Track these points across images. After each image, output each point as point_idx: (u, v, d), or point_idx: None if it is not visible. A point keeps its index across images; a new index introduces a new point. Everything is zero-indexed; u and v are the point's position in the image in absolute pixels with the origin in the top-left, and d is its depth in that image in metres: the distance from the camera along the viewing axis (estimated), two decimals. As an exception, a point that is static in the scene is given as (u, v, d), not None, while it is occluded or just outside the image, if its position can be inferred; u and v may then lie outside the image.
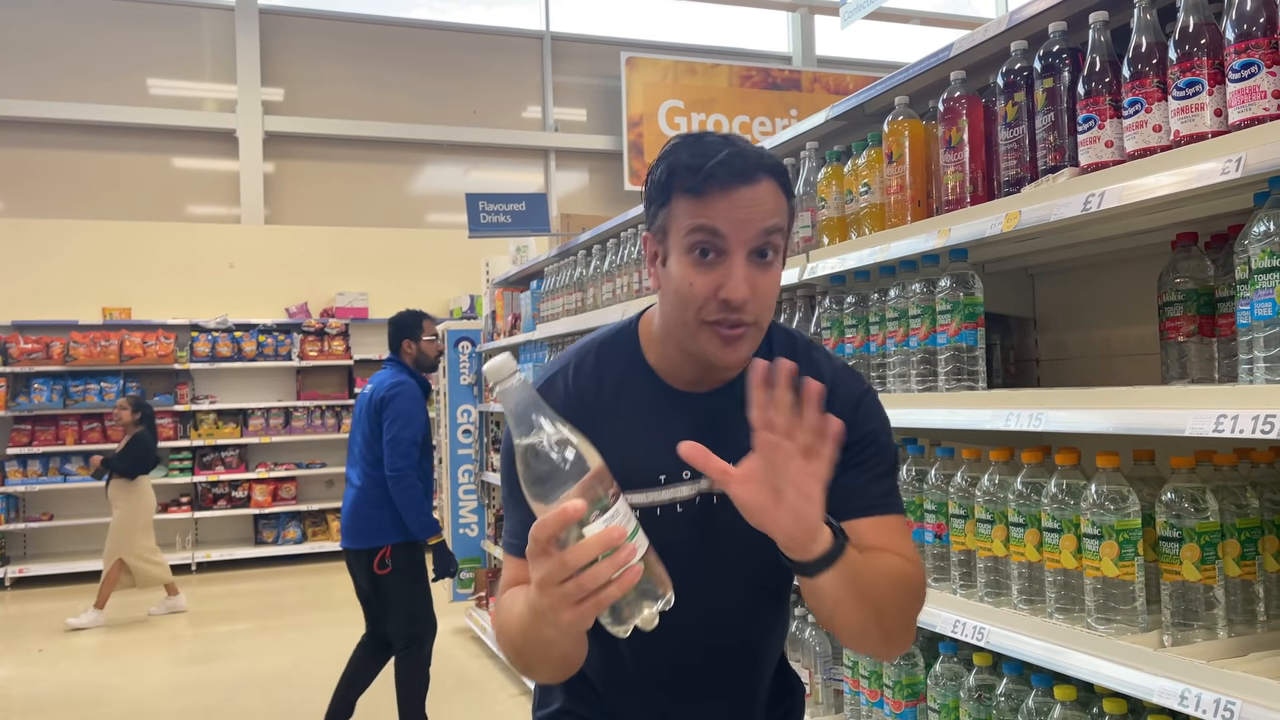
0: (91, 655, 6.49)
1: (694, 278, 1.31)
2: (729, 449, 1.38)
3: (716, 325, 1.32)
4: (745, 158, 1.31)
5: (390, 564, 4.33)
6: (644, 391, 1.45)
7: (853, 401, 1.45)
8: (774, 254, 1.34)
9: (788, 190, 1.36)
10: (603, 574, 1.04)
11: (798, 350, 1.50)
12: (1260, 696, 1.42)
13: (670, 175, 1.33)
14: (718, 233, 1.29)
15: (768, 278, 1.33)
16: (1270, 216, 1.50)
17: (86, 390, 9.24)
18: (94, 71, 10.17)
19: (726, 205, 1.29)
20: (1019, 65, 2.04)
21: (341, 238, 10.49)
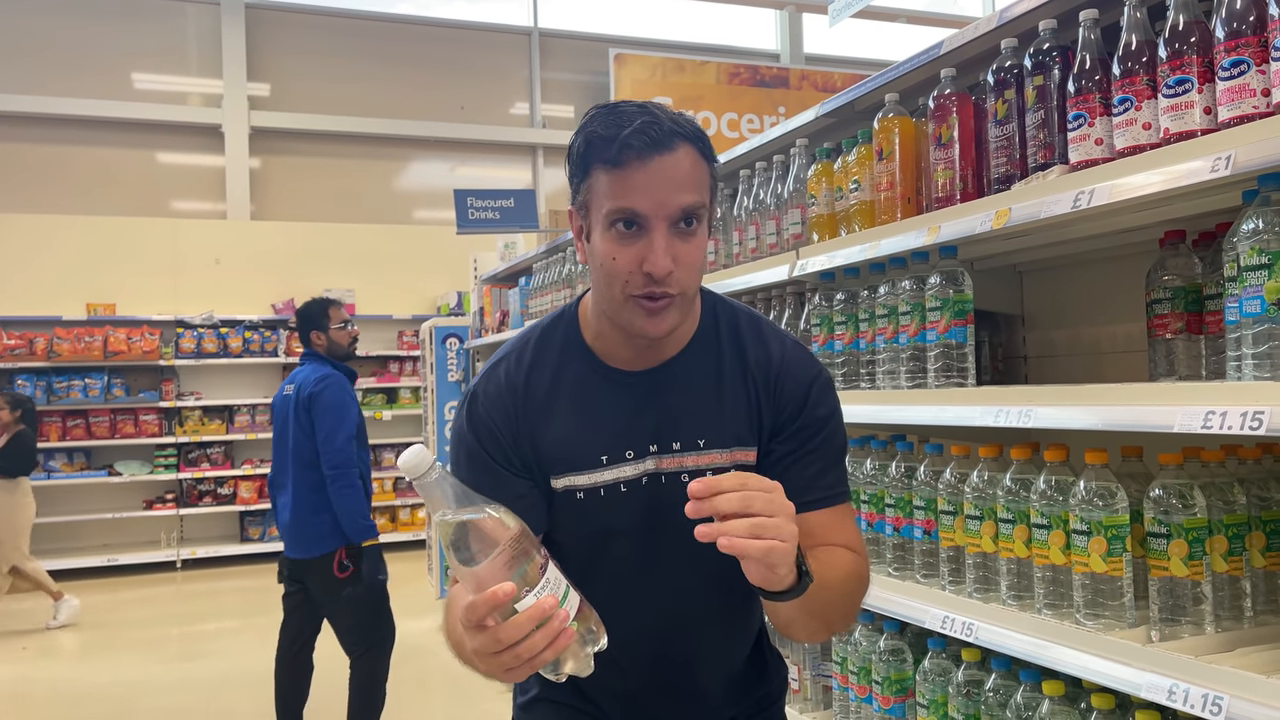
0: (75, 653, 6.45)
1: (616, 251, 1.31)
2: (667, 426, 1.41)
3: (641, 299, 1.31)
4: (660, 125, 1.28)
5: (350, 564, 4.17)
6: (583, 373, 1.45)
7: (804, 385, 1.44)
8: (697, 223, 1.32)
9: (708, 155, 1.34)
10: (538, 644, 1.06)
11: (741, 326, 1.49)
12: (1248, 691, 1.43)
13: (587, 147, 1.31)
14: (635, 204, 1.28)
15: (691, 246, 1.32)
16: (1259, 214, 1.51)
17: (70, 386, 9.18)
18: (77, 65, 10.09)
19: (644, 176, 1.27)
20: (1009, 63, 2.04)
21: (328, 234, 10.44)
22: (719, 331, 1.47)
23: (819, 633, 1.34)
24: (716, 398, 1.43)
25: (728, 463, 1.42)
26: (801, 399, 1.43)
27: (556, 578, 1.12)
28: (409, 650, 6.23)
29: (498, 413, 1.45)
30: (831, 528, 1.41)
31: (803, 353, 1.50)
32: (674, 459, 1.42)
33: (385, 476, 10.17)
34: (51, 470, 9.19)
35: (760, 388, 1.44)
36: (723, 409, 1.43)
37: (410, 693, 5.43)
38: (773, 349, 1.46)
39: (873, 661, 2.38)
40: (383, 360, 10.47)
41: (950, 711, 2.12)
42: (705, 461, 1.42)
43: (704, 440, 1.42)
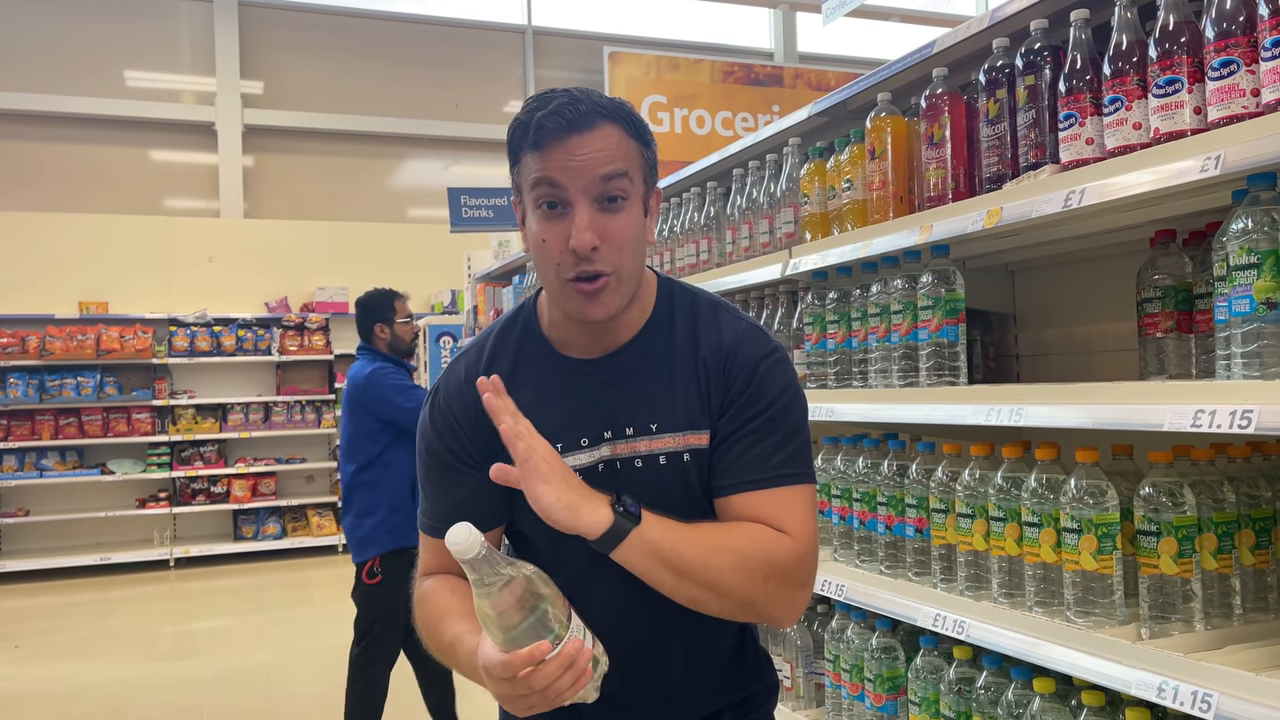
0: (69, 652, 6.44)
1: (545, 233, 1.33)
2: (621, 412, 1.43)
3: (576, 282, 1.32)
4: (577, 106, 1.30)
5: (380, 573, 4.09)
6: (539, 363, 1.47)
7: (750, 365, 1.43)
8: (624, 199, 1.32)
9: (636, 133, 1.35)
10: (564, 685, 1.14)
11: (699, 311, 1.49)
12: (1237, 688, 1.44)
13: (512, 133, 1.35)
14: (556, 183, 1.29)
15: (618, 222, 1.32)
16: (1248, 214, 1.51)
17: (63, 385, 9.15)
18: (70, 63, 10.06)
19: (562, 154, 1.29)
20: (1001, 62, 2.05)
21: (322, 232, 10.42)
22: (674, 317, 1.48)
23: (707, 602, 1.32)
24: (669, 382, 1.44)
25: (680, 446, 1.42)
26: (749, 375, 1.42)
27: (578, 623, 1.18)
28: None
29: (458, 407, 1.46)
30: (765, 511, 1.37)
31: (757, 333, 1.48)
32: (628, 444, 1.42)
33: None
34: (44, 469, 9.17)
35: (711, 369, 1.44)
36: (674, 393, 1.43)
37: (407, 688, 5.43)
38: (725, 331, 1.46)
39: (865, 659, 2.39)
40: (376, 358, 10.45)
41: (942, 709, 2.13)
42: (658, 446, 1.42)
43: (656, 425, 1.42)
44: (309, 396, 10.02)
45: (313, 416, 10.03)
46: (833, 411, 2.43)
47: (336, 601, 7.81)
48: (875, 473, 2.39)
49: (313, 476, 10.21)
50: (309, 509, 9.97)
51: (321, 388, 10.18)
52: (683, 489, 1.43)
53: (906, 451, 2.39)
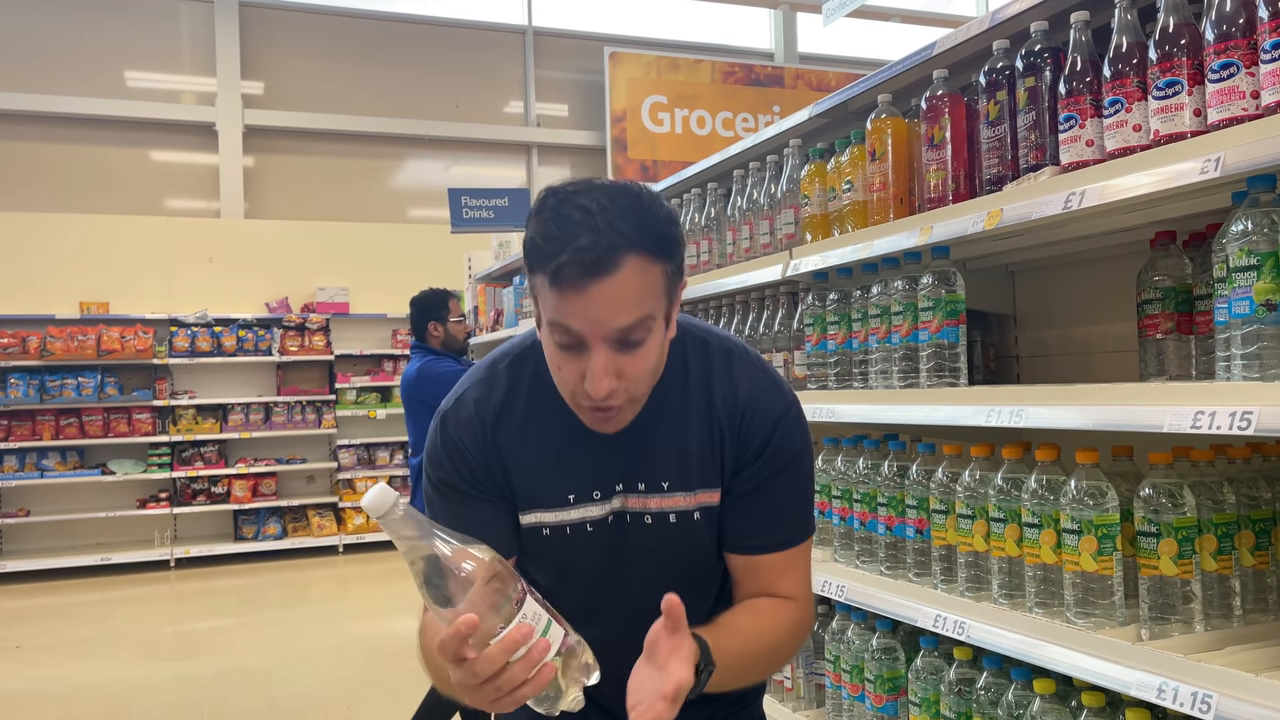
0: (69, 652, 6.44)
1: (560, 363, 1.30)
2: (633, 468, 1.42)
3: (589, 407, 1.31)
4: (599, 246, 1.19)
5: None
6: (551, 412, 1.43)
7: (768, 425, 1.42)
8: (645, 336, 1.27)
9: (664, 253, 1.26)
10: (516, 676, 1.09)
11: (713, 364, 1.46)
12: (1237, 689, 1.44)
13: (528, 251, 1.26)
14: (572, 330, 1.24)
15: (637, 358, 1.27)
16: (1248, 216, 1.52)
17: (64, 385, 9.15)
18: (70, 63, 10.06)
19: (582, 303, 1.21)
20: (1001, 64, 2.05)
21: (322, 232, 10.42)
22: (687, 373, 1.45)
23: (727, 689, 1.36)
24: (681, 440, 1.43)
25: (691, 505, 1.42)
26: (767, 434, 1.42)
27: (535, 611, 1.12)
28: (404, 648, 6.24)
29: (469, 437, 1.44)
30: (780, 573, 1.42)
31: (773, 385, 1.46)
32: (639, 499, 1.43)
33: (379, 475, 10.16)
34: (45, 469, 9.17)
35: (725, 425, 1.43)
36: (687, 451, 1.42)
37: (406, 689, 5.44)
38: (740, 384, 1.44)
39: (865, 660, 2.39)
40: (376, 359, 10.47)
41: (942, 710, 2.13)
42: (669, 504, 1.42)
43: (668, 483, 1.42)
44: (309, 397, 10.02)
45: (313, 417, 10.03)
46: (833, 412, 2.43)
47: (337, 601, 7.82)
48: (876, 474, 2.39)
49: (313, 477, 10.21)
50: (309, 509, 9.97)
51: (322, 388, 10.18)
52: (690, 547, 1.44)
53: (907, 452, 2.40)
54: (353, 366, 10.38)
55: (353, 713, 5.08)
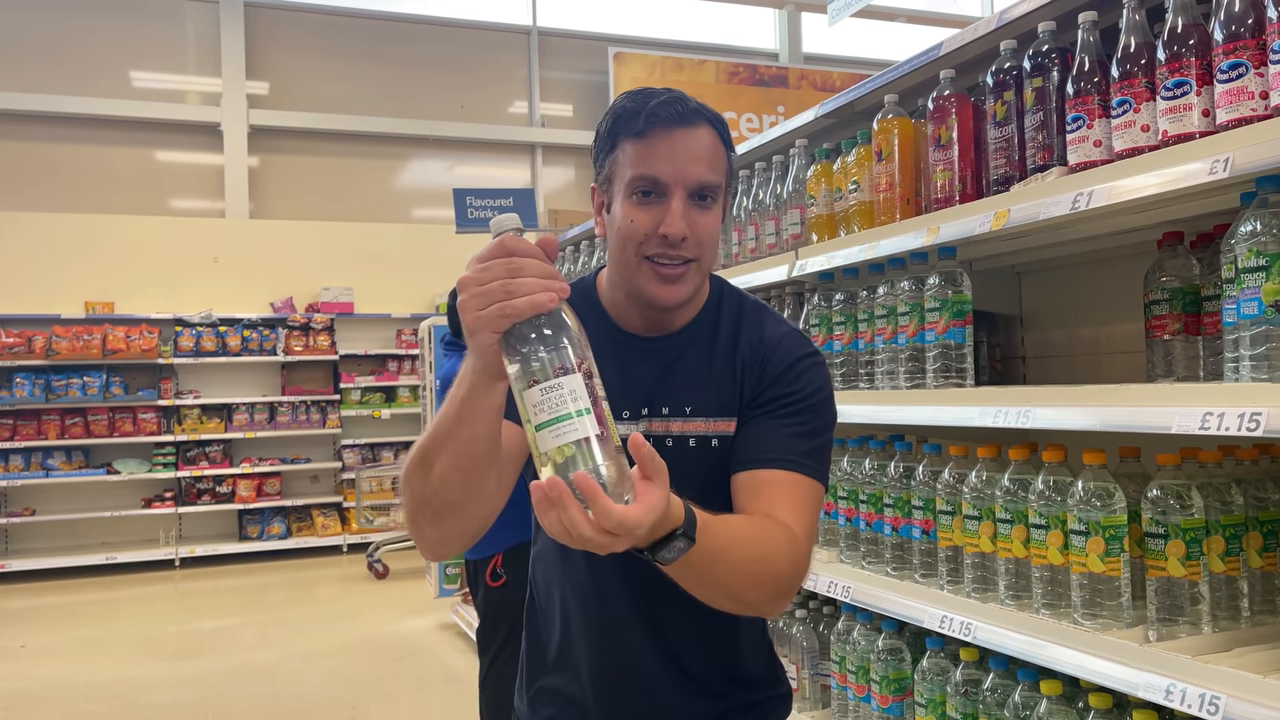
0: (75, 651, 6.45)
1: (635, 215, 1.37)
2: (660, 392, 1.47)
3: (656, 262, 1.37)
4: (685, 103, 1.38)
5: (504, 574, 3.65)
6: (597, 332, 1.45)
7: (788, 361, 1.47)
8: (713, 200, 1.39)
9: (727, 143, 1.42)
10: (529, 285, 1.03)
11: (745, 310, 1.54)
12: (1245, 691, 1.44)
13: (615, 121, 1.41)
14: (657, 175, 1.35)
15: (706, 219, 1.38)
16: (1257, 216, 1.51)
17: (69, 385, 9.17)
18: (76, 64, 10.08)
19: (667, 147, 1.35)
20: (1008, 64, 2.05)
21: (327, 232, 10.43)
22: (720, 311, 1.53)
23: (718, 601, 1.27)
24: (707, 369, 1.48)
25: (709, 431, 1.46)
26: (784, 371, 1.47)
27: (576, 389, 1.01)
28: (408, 648, 6.25)
29: None
30: (779, 496, 1.36)
31: (799, 336, 1.53)
32: (662, 423, 1.47)
33: (384, 475, 10.17)
34: (50, 468, 9.19)
35: (748, 362, 1.48)
36: (709, 380, 1.48)
37: (409, 689, 5.44)
38: (768, 330, 1.51)
39: (871, 661, 2.39)
40: (381, 359, 10.47)
41: (948, 711, 2.13)
42: (690, 429, 1.46)
43: (690, 408, 1.47)
44: (314, 397, 10.03)
45: (318, 417, 10.03)
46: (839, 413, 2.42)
47: (341, 601, 7.82)
48: (882, 474, 2.39)
49: (318, 477, 10.21)
50: (314, 509, 9.97)
51: (326, 388, 10.19)
52: (706, 473, 1.44)
53: (913, 453, 2.40)
54: (357, 366, 10.38)
55: (357, 713, 5.08)
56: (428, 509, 1.25)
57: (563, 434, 0.99)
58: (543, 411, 1.00)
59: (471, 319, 1.05)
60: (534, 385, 1.01)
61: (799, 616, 2.75)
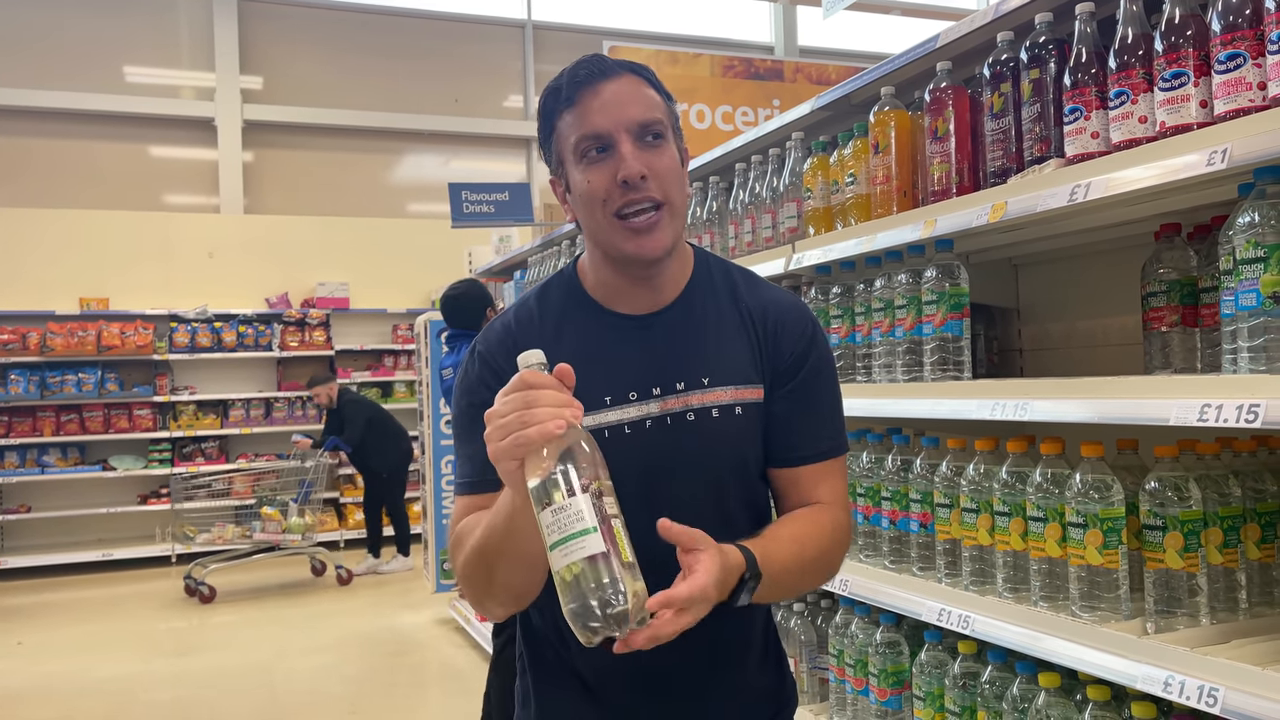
0: (72, 648, 6.44)
1: (590, 175, 1.36)
2: (670, 368, 1.44)
3: (625, 217, 1.35)
4: (603, 61, 1.39)
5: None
6: (585, 319, 1.48)
7: (806, 335, 1.48)
8: (662, 138, 1.38)
9: (658, 87, 1.43)
10: (542, 415, 1.10)
11: (734, 275, 1.53)
12: (1243, 683, 1.44)
13: (544, 104, 1.42)
14: (598, 130, 1.35)
15: (662, 156, 1.37)
16: (1255, 208, 1.51)
17: (64, 381, 9.15)
18: (69, 59, 10.03)
19: (597, 101, 1.35)
20: (1005, 56, 2.04)
21: (322, 227, 10.41)
22: (712, 278, 1.51)
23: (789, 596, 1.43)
24: (717, 337, 1.46)
25: (732, 400, 1.43)
26: (803, 350, 1.46)
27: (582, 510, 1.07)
28: (406, 643, 6.25)
29: (501, 353, 1.45)
30: (820, 480, 1.45)
31: (799, 302, 1.53)
32: (679, 399, 1.43)
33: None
34: (45, 465, 9.17)
35: (758, 327, 1.47)
36: (723, 348, 1.46)
37: (408, 684, 5.44)
38: (764, 295, 1.51)
39: (869, 654, 2.39)
40: (377, 354, 10.46)
41: (947, 704, 2.13)
42: (710, 399, 1.43)
43: (708, 379, 1.44)
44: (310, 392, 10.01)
45: (314, 412, 10.01)
46: (836, 406, 2.42)
47: (338, 597, 7.81)
48: (880, 468, 2.39)
49: (314, 472, 10.20)
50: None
51: (322, 383, 10.17)
52: (735, 443, 1.44)
53: (911, 446, 2.39)
54: (353, 361, 10.36)
55: (355, 708, 5.08)
56: (494, 599, 1.34)
57: (570, 553, 1.06)
58: (553, 532, 1.07)
59: (492, 450, 1.14)
60: (545, 508, 1.08)
61: (797, 610, 2.75)
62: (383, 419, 8.43)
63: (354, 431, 8.10)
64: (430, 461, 6.86)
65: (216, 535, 8.17)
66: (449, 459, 6.80)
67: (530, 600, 1.34)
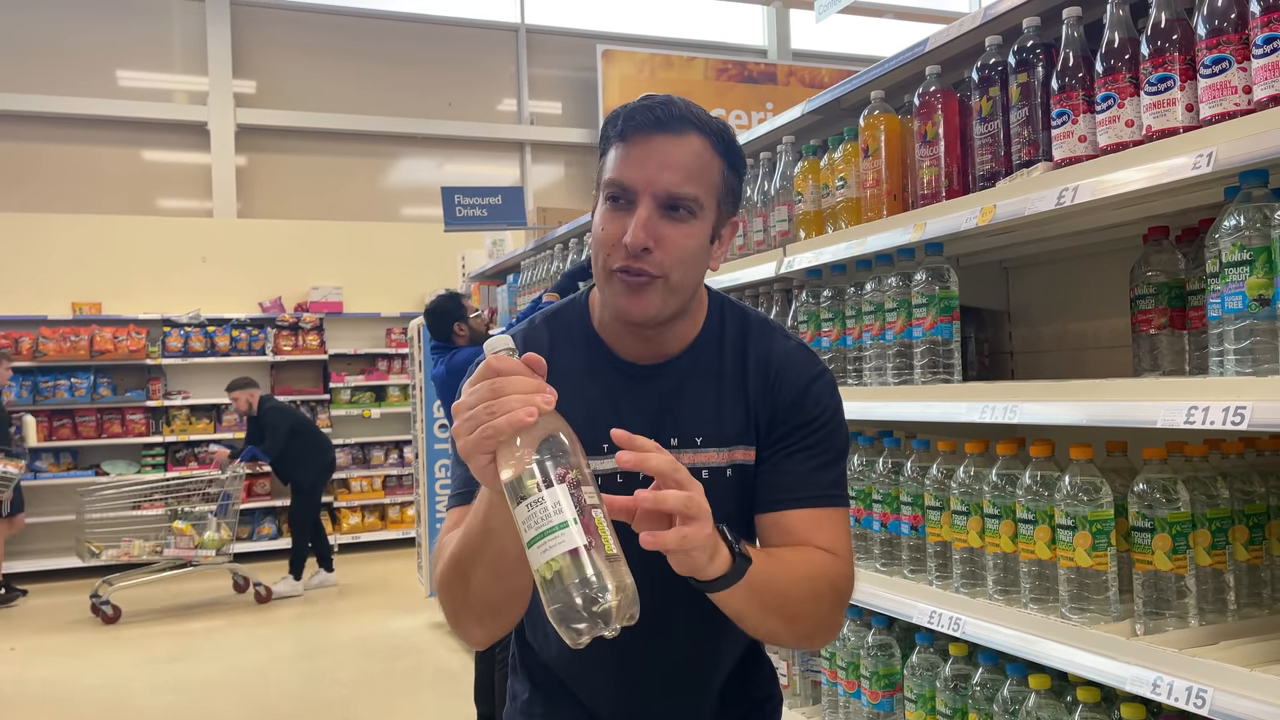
0: (64, 654, 6.42)
1: (605, 222, 1.32)
2: (666, 422, 1.41)
3: (621, 273, 1.30)
4: (672, 109, 1.30)
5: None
6: (590, 358, 1.44)
7: (801, 385, 1.42)
8: (689, 213, 1.30)
9: (724, 151, 1.34)
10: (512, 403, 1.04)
11: (750, 329, 1.47)
12: (1232, 684, 1.44)
13: (605, 125, 1.35)
14: (626, 178, 1.29)
15: (678, 232, 1.30)
16: (1240, 211, 1.52)
17: (57, 386, 9.12)
18: (62, 63, 10.02)
19: (641, 152, 1.29)
20: (994, 60, 2.05)
21: (315, 231, 10.40)
22: (724, 332, 1.46)
23: (780, 634, 1.30)
24: (715, 397, 1.42)
25: (724, 462, 1.41)
26: (798, 395, 1.42)
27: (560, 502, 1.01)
28: (401, 647, 6.24)
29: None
30: (814, 530, 1.37)
31: (806, 353, 1.48)
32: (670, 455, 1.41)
33: (374, 475, 10.15)
34: (38, 470, 9.13)
35: (758, 386, 1.43)
36: (720, 408, 1.42)
37: (402, 689, 5.43)
38: (775, 347, 1.45)
39: (861, 656, 2.39)
40: (371, 358, 10.45)
41: (938, 706, 2.14)
42: (702, 460, 1.40)
43: (701, 438, 1.41)
44: (304, 396, 10.00)
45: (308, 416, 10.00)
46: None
47: (332, 601, 7.80)
48: (870, 470, 2.40)
49: (308, 476, 10.18)
50: (304, 509, 9.94)
51: (316, 387, 10.16)
52: (721, 505, 1.37)
53: (901, 449, 2.40)
54: (347, 366, 10.36)
55: (349, 713, 5.07)
56: (471, 613, 1.28)
57: (548, 548, 0.99)
58: (529, 527, 1.00)
59: (462, 445, 1.06)
60: (520, 503, 1.01)
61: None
62: (306, 429, 8.11)
63: (275, 441, 7.73)
64: (424, 465, 6.86)
65: (124, 551, 7.53)
66: (443, 463, 6.80)
67: (511, 623, 1.30)
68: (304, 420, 8.27)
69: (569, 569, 0.99)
